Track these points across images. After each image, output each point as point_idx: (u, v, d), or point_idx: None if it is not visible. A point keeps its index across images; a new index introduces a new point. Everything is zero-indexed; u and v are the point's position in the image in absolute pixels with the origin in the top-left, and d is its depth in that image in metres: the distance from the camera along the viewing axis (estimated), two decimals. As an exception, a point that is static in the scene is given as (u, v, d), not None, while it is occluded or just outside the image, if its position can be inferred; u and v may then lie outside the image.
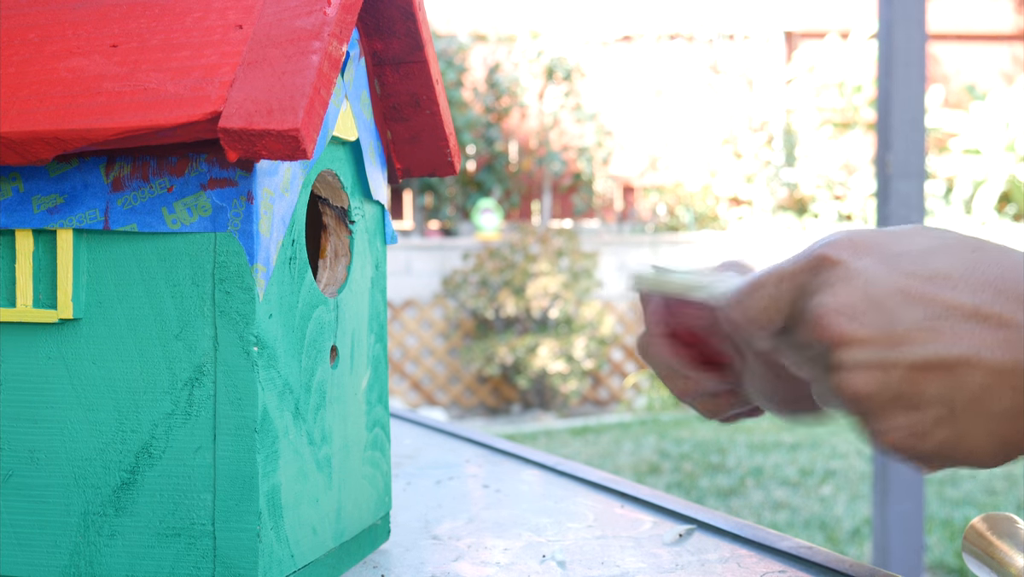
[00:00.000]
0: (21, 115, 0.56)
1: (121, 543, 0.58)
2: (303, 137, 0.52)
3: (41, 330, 0.59)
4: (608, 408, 7.24)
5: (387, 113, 0.72)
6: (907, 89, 2.71)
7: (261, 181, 0.56)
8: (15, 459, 0.59)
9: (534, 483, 0.92)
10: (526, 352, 6.73)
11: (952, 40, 9.57)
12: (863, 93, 8.76)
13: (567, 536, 0.75)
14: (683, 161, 8.98)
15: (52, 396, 0.59)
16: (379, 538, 0.73)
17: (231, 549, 0.57)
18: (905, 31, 2.70)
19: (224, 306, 0.57)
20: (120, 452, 0.58)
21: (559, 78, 8.46)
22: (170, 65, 0.57)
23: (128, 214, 0.57)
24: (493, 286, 6.92)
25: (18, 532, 0.60)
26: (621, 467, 4.90)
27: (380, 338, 0.73)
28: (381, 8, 0.67)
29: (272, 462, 0.58)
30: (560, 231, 7.21)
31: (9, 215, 0.58)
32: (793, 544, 0.71)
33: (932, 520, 3.88)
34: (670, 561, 0.70)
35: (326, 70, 0.55)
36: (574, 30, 8.90)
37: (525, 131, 8.83)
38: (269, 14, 0.57)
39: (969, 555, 0.63)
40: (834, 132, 8.83)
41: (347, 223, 0.68)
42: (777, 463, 4.91)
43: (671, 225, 8.80)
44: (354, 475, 0.69)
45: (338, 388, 0.66)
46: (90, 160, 0.58)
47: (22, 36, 0.60)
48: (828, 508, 4.15)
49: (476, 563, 0.69)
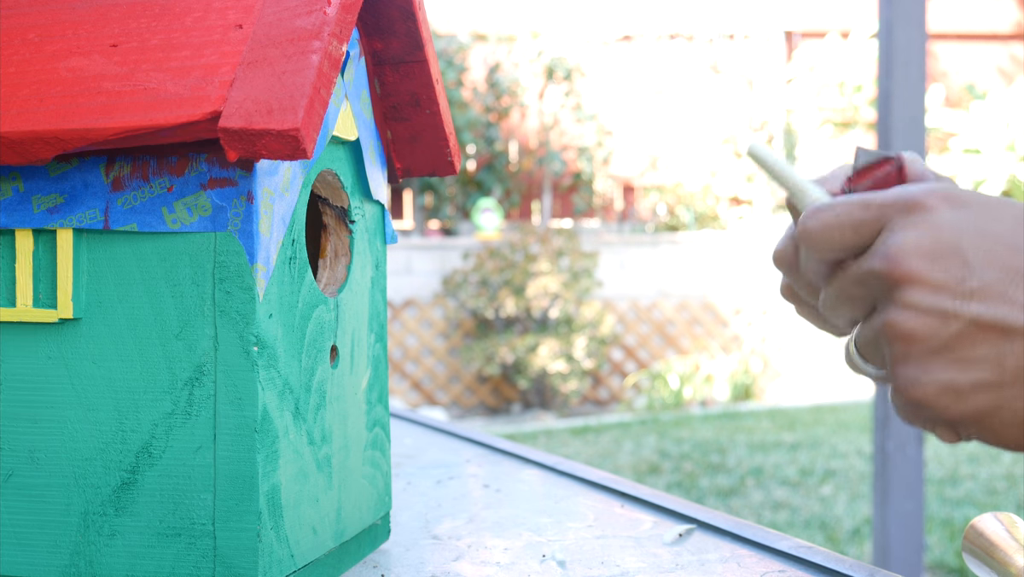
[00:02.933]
0: (21, 115, 0.56)
1: (121, 543, 0.58)
2: (303, 137, 0.52)
3: (41, 330, 0.59)
4: (608, 408, 7.24)
5: (387, 113, 0.72)
6: (907, 89, 2.71)
7: (261, 181, 0.56)
8: (15, 459, 0.59)
9: (534, 483, 0.92)
10: (526, 352, 6.73)
11: (952, 40, 9.57)
12: (863, 93, 8.76)
13: (567, 536, 0.75)
14: (683, 161, 8.98)
15: (52, 396, 0.59)
16: (379, 538, 0.73)
17: (231, 549, 0.57)
18: (905, 31, 2.70)
19: (224, 306, 0.57)
20: (120, 452, 0.58)
21: (559, 78, 8.46)
22: (170, 65, 0.57)
23: (128, 214, 0.57)
24: (493, 286, 6.92)
25: (18, 532, 0.59)
26: (621, 467, 4.89)
27: (380, 338, 0.73)
28: (381, 8, 0.67)
29: (272, 462, 0.58)
30: (560, 231, 7.21)
31: (9, 215, 0.58)
32: (793, 544, 0.71)
33: (932, 520, 3.88)
34: (670, 561, 0.70)
35: (326, 70, 0.55)
36: (574, 30, 8.90)
37: (525, 131, 8.83)
38: (269, 14, 0.57)
39: (969, 555, 0.63)
40: (834, 132, 8.83)
41: (347, 223, 0.68)
42: (777, 463, 4.91)
43: (671, 225, 8.80)
44: (354, 475, 0.69)
45: (338, 388, 0.66)
46: (90, 160, 0.58)
47: (22, 36, 0.60)
48: (828, 508, 4.14)
49: (476, 563, 0.69)
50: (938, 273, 0.53)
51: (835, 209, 0.56)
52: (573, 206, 8.87)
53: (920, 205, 0.55)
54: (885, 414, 2.78)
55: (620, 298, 7.53)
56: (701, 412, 6.64)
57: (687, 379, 7.05)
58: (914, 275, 0.53)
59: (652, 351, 7.51)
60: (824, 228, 0.56)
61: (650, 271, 7.70)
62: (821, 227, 0.56)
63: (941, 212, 0.54)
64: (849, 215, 0.56)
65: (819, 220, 0.57)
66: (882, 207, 0.55)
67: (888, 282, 0.54)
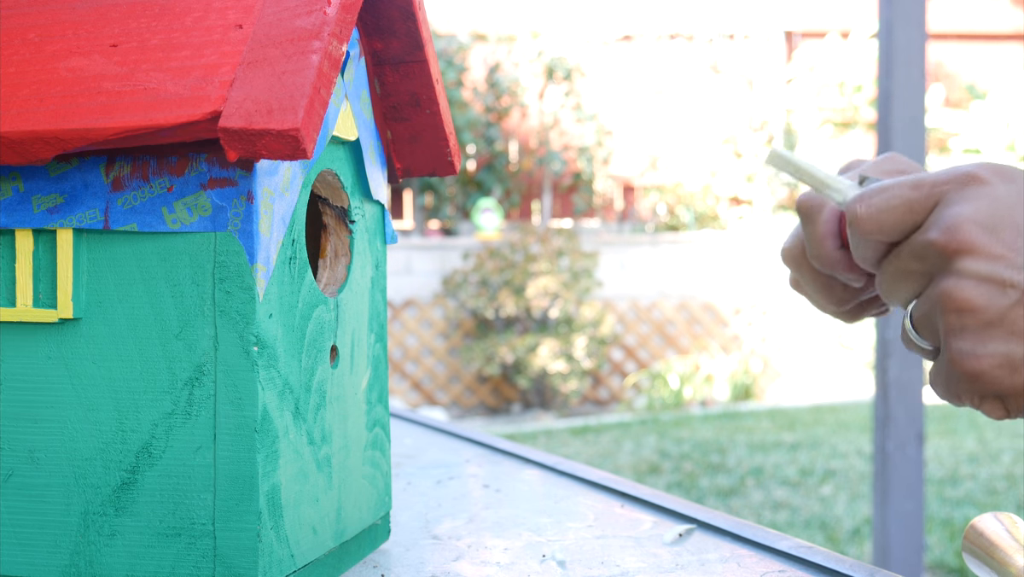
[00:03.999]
0: (21, 115, 0.56)
1: (121, 543, 0.58)
2: (303, 137, 0.52)
3: (41, 330, 0.59)
4: (608, 408, 7.24)
5: (387, 113, 0.72)
6: (907, 89, 2.71)
7: (261, 181, 0.56)
8: (15, 459, 0.59)
9: (534, 483, 0.92)
10: (526, 352, 6.73)
11: (952, 40, 9.57)
12: (863, 93, 8.76)
13: (567, 536, 0.75)
14: (683, 161, 8.98)
15: (52, 396, 0.59)
16: (379, 538, 0.73)
17: (231, 549, 0.57)
18: (905, 31, 2.70)
19: (224, 306, 0.57)
20: (120, 452, 0.58)
21: (559, 78, 8.46)
22: (170, 65, 0.57)
23: (128, 214, 0.57)
24: (493, 286, 6.92)
25: (18, 532, 0.60)
26: (621, 467, 4.90)
27: (380, 338, 0.73)
28: (381, 8, 0.67)
29: (272, 462, 0.58)
30: (560, 231, 7.21)
31: (9, 215, 0.58)
32: (793, 544, 0.71)
33: (932, 520, 3.88)
34: (670, 561, 0.70)
35: (326, 70, 0.55)
36: (574, 30, 8.90)
37: (525, 131, 8.83)
38: (269, 14, 0.57)
39: (969, 555, 0.63)
40: (834, 132, 8.83)
41: (347, 223, 0.68)
42: (777, 463, 4.91)
43: (671, 224, 8.80)
44: (354, 475, 0.69)
45: (338, 388, 0.66)
46: (90, 160, 0.58)
47: (22, 36, 0.60)
48: (828, 508, 4.14)
49: (476, 563, 0.69)
50: (995, 243, 0.52)
51: (886, 193, 0.56)
52: (573, 206, 8.87)
53: (976, 178, 0.54)
54: (885, 414, 2.78)
55: (620, 298, 7.53)
56: (701, 412, 6.64)
57: (687, 379, 7.05)
58: (972, 244, 0.53)
59: (652, 351, 7.51)
60: (877, 212, 0.56)
61: (650, 271, 7.70)
62: (874, 211, 0.56)
63: (996, 185, 0.54)
64: (902, 196, 0.56)
65: (870, 205, 0.57)
66: (935, 184, 0.55)
67: (946, 253, 0.53)
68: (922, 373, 2.85)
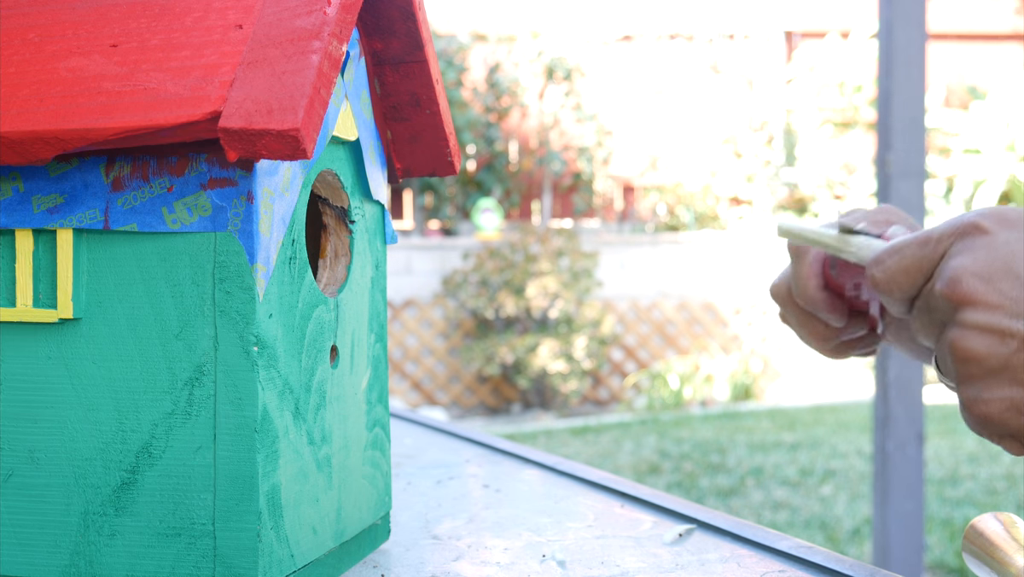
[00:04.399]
0: (21, 115, 0.56)
1: (121, 543, 0.58)
2: (303, 137, 0.52)
3: (41, 330, 0.59)
4: (608, 408, 7.24)
5: (387, 113, 0.72)
6: (907, 89, 2.71)
7: (261, 181, 0.56)
8: (15, 459, 0.59)
9: (534, 483, 0.92)
10: (526, 352, 6.73)
11: (952, 40, 9.57)
12: (863, 93, 8.76)
13: (567, 536, 0.75)
14: (683, 161, 8.98)
15: (52, 396, 0.59)
16: (379, 538, 0.73)
17: (231, 549, 0.57)
18: (905, 31, 2.70)
19: (224, 306, 0.57)
20: (120, 452, 0.58)
21: (559, 78, 8.46)
22: (170, 65, 0.57)
23: (128, 214, 0.57)
24: (493, 286, 6.92)
25: (18, 532, 0.60)
26: (621, 467, 4.90)
27: (380, 338, 0.73)
28: (381, 8, 0.67)
29: (272, 462, 0.58)
30: (560, 231, 7.21)
31: (9, 215, 0.58)
32: (793, 544, 0.71)
33: (932, 520, 3.88)
34: (670, 561, 0.70)
35: (326, 70, 0.55)
36: (574, 30, 8.90)
37: (525, 131, 8.83)
38: (269, 14, 0.57)
39: (969, 555, 0.63)
40: (834, 132, 8.83)
41: (347, 223, 0.68)
42: (777, 463, 4.91)
43: (671, 225, 8.80)
44: (354, 475, 0.69)
45: (338, 388, 0.66)
46: (90, 160, 0.58)
47: (22, 36, 0.60)
48: (828, 508, 4.15)
49: (476, 563, 0.69)
50: (993, 294, 0.54)
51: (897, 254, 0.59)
52: (573, 206, 8.87)
53: (977, 227, 0.57)
54: (885, 414, 2.78)
55: (620, 298, 7.53)
56: (701, 412, 6.64)
57: (687, 379, 7.05)
58: (971, 296, 0.55)
59: (652, 351, 7.51)
60: (892, 274, 0.59)
61: (650, 271, 7.70)
62: (890, 274, 0.59)
63: (996, 234, 0.56)
64: (912, 256, 0.59)
65: (886, 269, 0.60)
66: (940, 240, 0.58)
67: (951, 304, 0.56)
68: (922, 373, 2.85)
